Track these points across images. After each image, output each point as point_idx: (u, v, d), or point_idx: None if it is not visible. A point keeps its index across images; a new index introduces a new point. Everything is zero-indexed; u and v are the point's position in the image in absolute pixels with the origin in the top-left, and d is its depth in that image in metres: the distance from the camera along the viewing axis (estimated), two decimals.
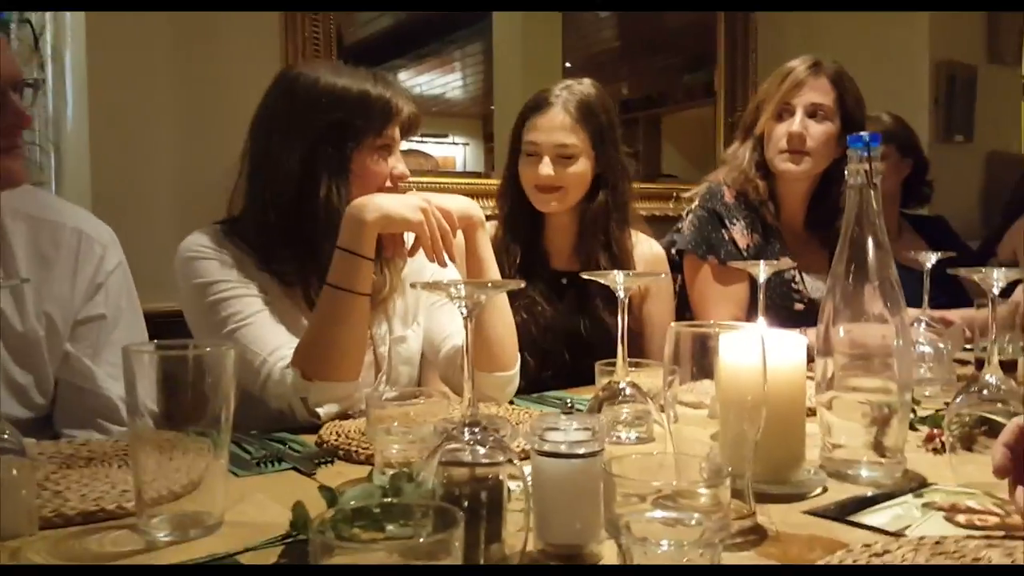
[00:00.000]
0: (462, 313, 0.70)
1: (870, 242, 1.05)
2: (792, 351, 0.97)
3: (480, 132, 3.62)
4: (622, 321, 0.99)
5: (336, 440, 1.12)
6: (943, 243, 2.47)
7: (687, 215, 2.08)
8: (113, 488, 0.89)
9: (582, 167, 1.81)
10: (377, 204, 1.32)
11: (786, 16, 3.40)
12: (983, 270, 0.99)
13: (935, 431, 1.18)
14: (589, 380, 1.49)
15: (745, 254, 1.97)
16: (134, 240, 1.54)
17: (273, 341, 1.35)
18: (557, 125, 1.78)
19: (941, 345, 1.53)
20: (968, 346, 1.79)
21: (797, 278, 2.02)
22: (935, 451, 1.14)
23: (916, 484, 0.98)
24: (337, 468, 1.06)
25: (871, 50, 3.36)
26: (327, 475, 1.03)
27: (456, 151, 3.89)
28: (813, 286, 2.04)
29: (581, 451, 0.74)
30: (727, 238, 1.99)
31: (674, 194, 3.20)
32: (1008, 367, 1.76)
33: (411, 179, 1.54)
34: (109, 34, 2.06)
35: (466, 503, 0.68)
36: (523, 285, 0.76)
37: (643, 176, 3.57)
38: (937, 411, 1.29)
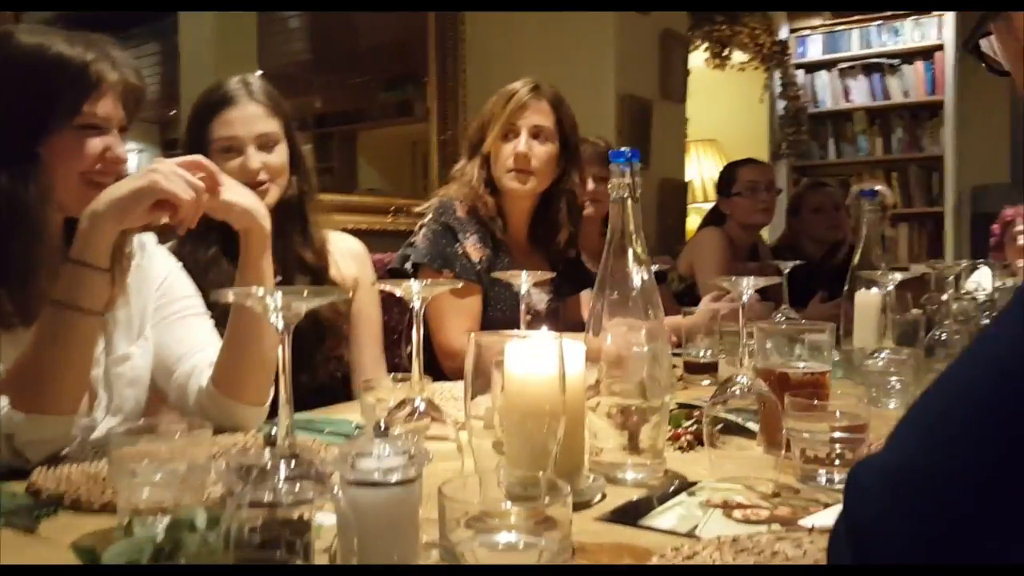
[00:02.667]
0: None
1: (630, 252, 1.10)
2: (574, 359, 0.97)
3: (158, 138, 3.32)
4: (417, 333, 0.93)
5: (57, 487, 0.93)
6: None
7: (419, 229, 2.06)
8: None
9: (282, 156, 1.70)
10: (103, 196, 1.11)
11: (492, 45, 3.55)
12: (732, 279, 1.07)
13: (679, 430, 1.26)
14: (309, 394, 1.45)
15: (478, 267, 1.99)
16: None
17: None
18: (251, 115, 1.66)
19: None
20: (676, 351, 1.94)
21: (523, 290, 2.08)
22: (681, 449, 1.22)
23: (680, 483, 1.03)
24: (63, 520, 0.88)
25: (568, 81, 3.59)
26: (53, 529, 0.85)
27: (130, 158, 3.53)
28: (538, 298, 2.11)
29: (397, 478, 0.67)
30: (461, 252, 1.99)
31: (391, 208, 3.20)
32: (709, 368, 1.97)
33: None
34: None
35: (279, 549, 0.58)
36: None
37: (339, 191, 3.52)
38: (672, 411, 1.38)
